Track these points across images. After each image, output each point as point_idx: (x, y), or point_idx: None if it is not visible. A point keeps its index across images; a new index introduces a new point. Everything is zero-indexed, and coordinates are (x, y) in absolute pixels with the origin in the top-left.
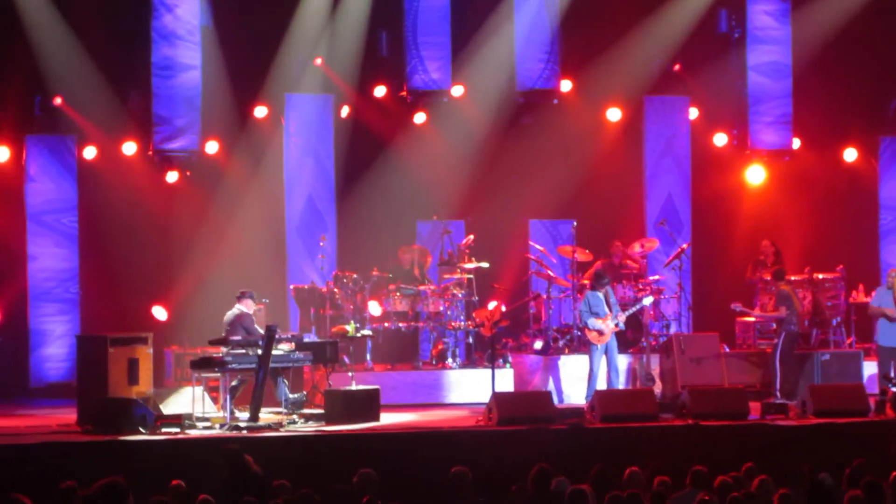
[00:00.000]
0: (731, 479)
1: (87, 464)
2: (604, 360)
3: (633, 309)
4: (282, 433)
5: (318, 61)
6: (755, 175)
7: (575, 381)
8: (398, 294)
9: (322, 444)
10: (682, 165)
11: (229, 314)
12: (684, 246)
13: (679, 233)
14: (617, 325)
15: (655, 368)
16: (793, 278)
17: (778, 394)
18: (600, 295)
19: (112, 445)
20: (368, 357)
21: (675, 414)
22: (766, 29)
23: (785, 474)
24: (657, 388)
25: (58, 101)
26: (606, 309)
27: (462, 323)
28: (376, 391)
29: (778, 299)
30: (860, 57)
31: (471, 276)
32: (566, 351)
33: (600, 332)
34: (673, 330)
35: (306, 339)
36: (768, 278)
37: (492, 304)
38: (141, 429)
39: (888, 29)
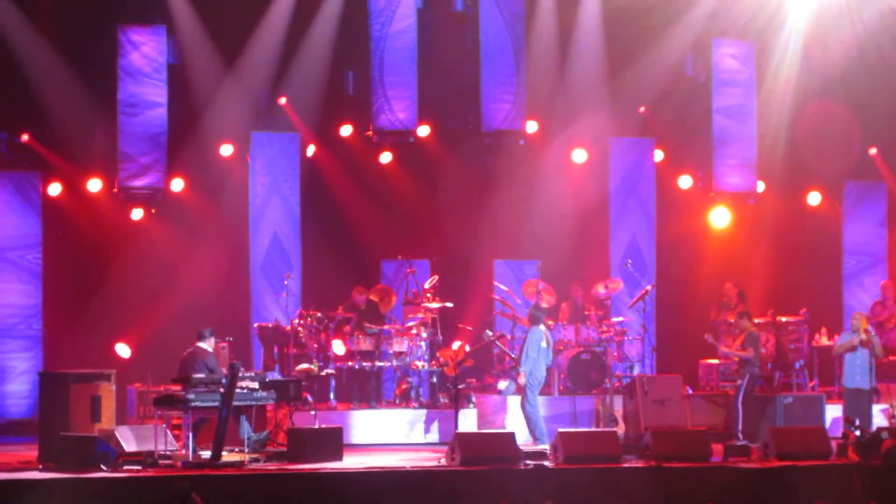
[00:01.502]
0: None
1: (48, 501)
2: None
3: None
4: (244, 472)
5: (283, 100)
6: (720, 217)
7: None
8: (362, 333)
9: (285, 483)
10: (647, 207)
11: (190, 352)
12: (648, 287)
13: (643, 274)
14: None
15: (618, 410)
16: (756, 321)
17: (740, 435)
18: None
19: (74, 483)
20: (332, 396)
21: (638, 455)
22: (730, 72)
23: None
24: (620, 430)
25: (24, 137)
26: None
27: (426, 363)
28: (339, 430)
29: (747, 340)
30: (826, 101)
31: (435, 315)
32: None
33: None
34: (636, 371)
35: (269, 378)
36: (732, 320)
37: (456, 344)
38: (103, 466)
39: (855, 73)
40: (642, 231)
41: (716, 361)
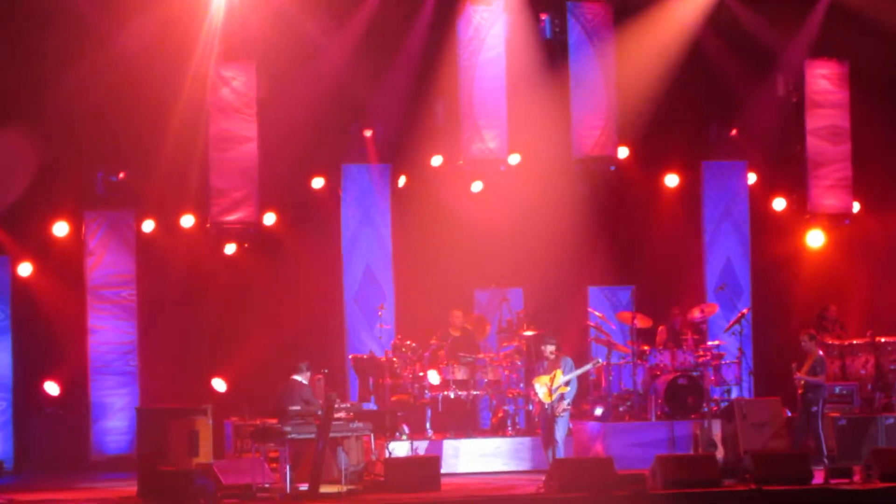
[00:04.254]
0: None
1: None
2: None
3: (574, 374)
4: (342, 503)
5: (368, 133)
6: (815, 239)
7: (634, 447)
8: (457, 362)
9: None
10: (741, 230)
11: (286, 385)
12: (744, 311)
13: (739, 298)
14: (554, 394)
15: (717, 434)
16: (855, 342)
17: (826, 460)
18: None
19: None
20: (428, 425)
21: (738, 479)
22: (823, 93)
23: None
24: (719, 454)
25: (121, 175)
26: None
27: (521, 390)
28: (437, 459)
29: (817, 364)
30: None
31: (529, 343)
32: (627, 417)
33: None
34: (734, 395)
35: (365, 409)
36: (830, 342)
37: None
38: (202, 500)
39: None
40: (737, 254)
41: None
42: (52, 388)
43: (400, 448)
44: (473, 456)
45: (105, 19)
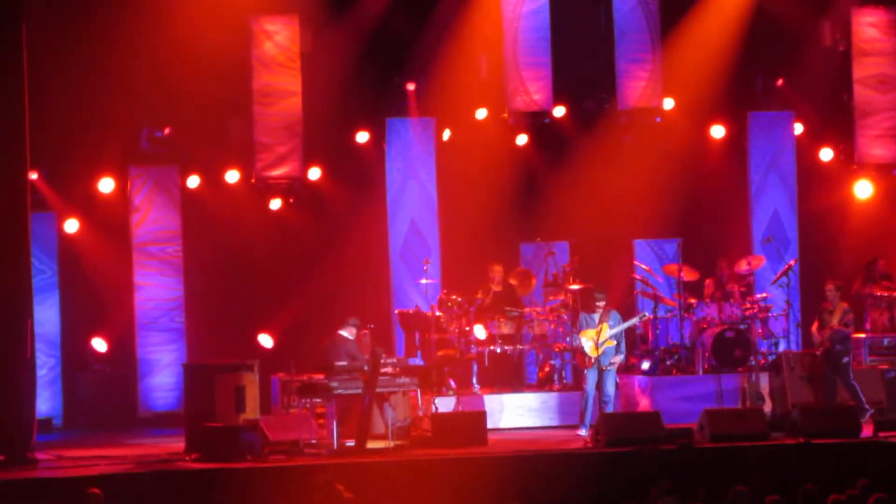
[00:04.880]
0: (846, 497)
1: (195, 492)
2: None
3: (621, 327)
4: (389, 458)
5: (411, 87)
6: (863, 190)
7: (682, 401)
8: (503, 317)
9: (430, 468)
10: (788, 182)
11: (331, 340)
12: (791, 263)
13: (786, 250)
14: (601, 348)
15: (765, 387)
16: None
17: (868, 407)
18: (595, 317)
19: (221, 473)
20: (475, 381)
21: (786, 432)
22: (871, 41)
23: None
24: (767, 407)
25: (166, 131)
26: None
27: (568, 344)
28: (483, 414)
29: (847, 317)
30: None
31: (576, 297)
32: (674, 371)
33: (582, 356)
34: (782, 348)
35: (412, 364)
36: (878, 294)
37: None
38: (249, 456)
39: None
40: (784, 206)
41: (862, 335)
42: (99, 344)
43: (446, 403)
44: (520, 411)
45: None
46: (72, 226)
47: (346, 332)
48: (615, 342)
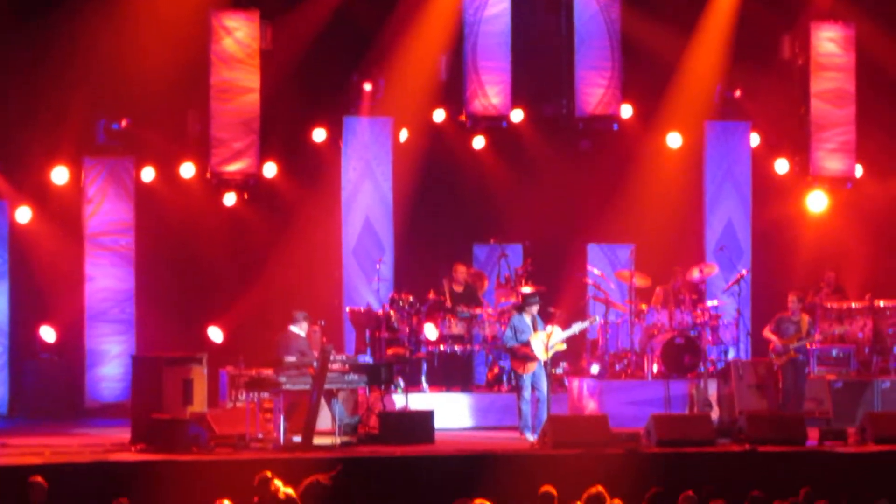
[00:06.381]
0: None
1: (139, 483)
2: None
3: (571, 330)
4: (335, 454)
5: (368, 87)
6: (816, 202)
7: (630, 405)
8: (454, 317)
9: (376, 465)
10: (743, 191)
11: (282, 335)
12: (744, 272)
13: (739, 259)
14: (550, 351)
15: (713, 394)
16: (853, 305)
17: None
18: (527, 319)
19: (166, 465)
20: (423, 380)
21: (733, 439)
22: (829, 56)
23: (847, 501)
24: (714, 414)
25: (123, 123)
26: (533, 334)
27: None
28: (431, 413)
29: (813, 328)
30: None
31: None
32: (623, 376)
33: (524, 360)
34: (731, 356)
35: (361, 361)
36: (828, 305)
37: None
38: (194, 448)
39: None
40: (738, 215)
41: (811, 346)
42: (48, 333)
43: (395, 401)
44: (468, 411)
45: None
46: (24, 215)
47: (297, 328)
48: (565, 346)
